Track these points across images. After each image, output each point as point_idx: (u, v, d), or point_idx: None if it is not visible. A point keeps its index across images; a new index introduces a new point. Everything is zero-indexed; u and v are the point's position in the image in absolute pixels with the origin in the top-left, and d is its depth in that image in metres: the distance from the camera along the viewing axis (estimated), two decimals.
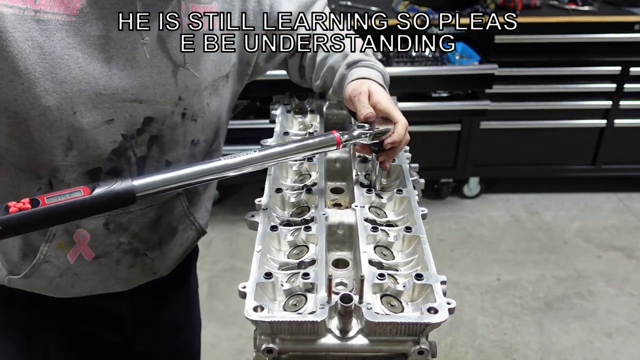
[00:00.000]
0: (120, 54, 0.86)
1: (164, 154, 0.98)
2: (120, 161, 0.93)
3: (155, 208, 1.01)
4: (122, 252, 1.02)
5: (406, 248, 0.86)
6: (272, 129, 1.24)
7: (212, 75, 1.00)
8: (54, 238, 0.95)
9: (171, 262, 1.12)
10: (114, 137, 0.90)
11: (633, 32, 2.90)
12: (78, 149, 0.88)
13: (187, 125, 0.99)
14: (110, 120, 0.88)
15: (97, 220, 0.95)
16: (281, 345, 0.72)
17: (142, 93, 0.90)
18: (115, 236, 0.99)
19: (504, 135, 3.18)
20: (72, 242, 0.97)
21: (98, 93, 0.85)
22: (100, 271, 1.02)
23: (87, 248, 0.98)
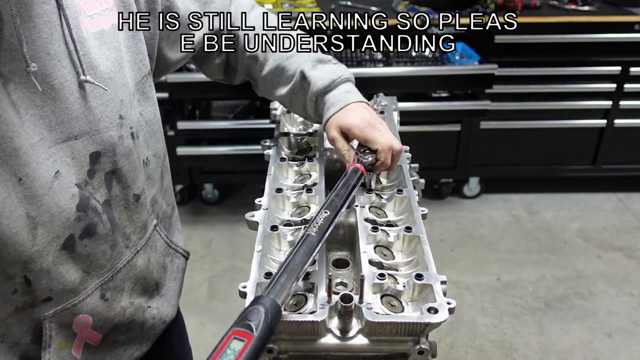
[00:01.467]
0: (20, 91, 0.68)
1: (127, 188, 0.84)
2: (89, 216, 0.77)
3: (141, 253, 0.90)
4: (130, 316, 0.90)
5: (406, 248, 0.86)
6: (272, 129, 1.24)
7: (133, 77, 0.84)
8: (51, 341, 0.79)
9: (174, 301, 1.05)
10: (70, 192, 0.74)
11: (633, 32, 2.90)
12: (43, 223, 0.72)
13: (137, 145, 0.85)
14: (56, 174, 0.72)
15: (92, 297, 0.82)
16: (281, 345, 0.72)
17: (72, 126, 0.73)
18: (117, 303, 0.86)
19: (504, 135, 3.18)
20: (73, 334, 0.82)
21: (32, 144, 0.69)
22: (114, 349, 0.90)
23: (92, 332, 0.84)
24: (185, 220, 3.23)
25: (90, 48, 0.75)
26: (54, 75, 0.70)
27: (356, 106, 1.01)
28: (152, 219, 0.93)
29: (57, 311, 0.78)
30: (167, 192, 1.01)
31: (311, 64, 1.04)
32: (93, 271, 0.81)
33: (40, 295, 0.75)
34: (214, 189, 3.34)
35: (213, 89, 2.89)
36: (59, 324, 0.79)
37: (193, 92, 2.90)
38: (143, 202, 0.88)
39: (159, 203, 0.97)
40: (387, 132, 0.99)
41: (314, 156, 1.11)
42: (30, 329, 0.77)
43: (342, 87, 1.03)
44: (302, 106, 1.07)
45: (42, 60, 0.68)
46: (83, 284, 0.80)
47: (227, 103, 3.22)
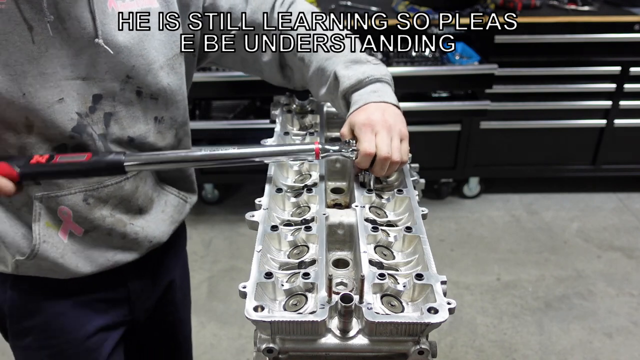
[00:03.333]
0: (47, 34, 0.88)
1: (124, 129, 1.01)
2: (83, 137, 0.96)
3: (130, 181, 1.05)
4: (110, 224, 1.06)
5: (406, 248, 0.86)
6: (272, 129, 1.24)
7: (164, 54, 1.01)
8: (40, 217, 0.99)
9: (163, 228, 1.16)
10: (70, 116, 0.94)
11: (633, 32, 2.90)
12: (38, 127, 0.92)
13: (146, 103, 1.03)
14: (60, 100, 0.92)
15: (75, 196, 1.00)
16: (281, 345, 0.72)
17: (82, 70, 0.93)
18: (97, 210, 1.03)
19: (504, 135, 3.18)
20: (59, 220, 1.01)
21: (41, 72, 0.89)
22: (96, 245, 1.06)
23: (74, 224, 1.02)
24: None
25: (111, 21, 0.93)
26: (71, 30, 0.89)
27: (373, 106, 1.01)
28: None
29: (43, 195, 0.98)
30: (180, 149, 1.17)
31: (345, 65, 1.07)
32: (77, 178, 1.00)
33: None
34: (214, 189, 3.34)
35: (213, 89, 2.89)
36: (46, 207, 0.99)
37: (193, 92, 2.89)
38: (138, 145, 1.04)
39: None
40: (382, 138, 0.96)
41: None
42: (27, 202, 0.99)
43: (370, 87, 1.04)
44: (339, 105, 1.10)
45: (63, 18, 0.88)
46: (68, 183, 0.99)
47: (227, 103, 3.22)
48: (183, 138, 1.16)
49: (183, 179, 1.22)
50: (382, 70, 1.08)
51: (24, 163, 0.89)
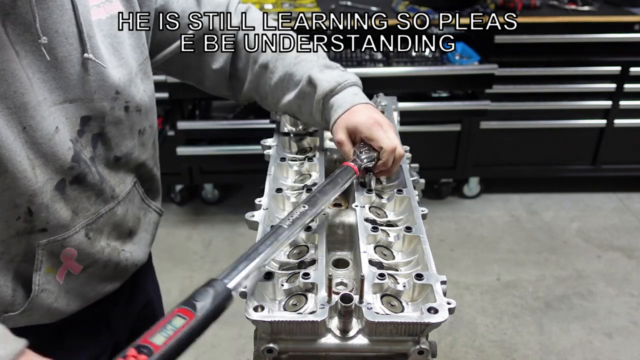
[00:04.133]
0: (31, 57, 0.80)
1: (110, 150, 0.96)
2: (81, 167, 0.90)
3: (121, 205, 1.01)
4: (107, 255, 1.01)
5: (406, 248, 0.86)
6: (272, 129, 1.24)
7: (136, 59, 0.97)
8: (41, 265, 0.91)
9: (146, 249, 1.15)
10: (67, 145, 0.86)
11: (633, 32, 2.90)
12: (39, 165, 0.84)
13: (133, 117, 0.98)
14: (57, 129, 0.84)
15: (79, 234, 0.93)
16: (281, 345, 0.72)
17: (69, 92, 0.85)
18: (97, 242, 0.98)
19: (504, 135, 3.18)
20: (59, 262, 0.93)
21: (38, 102, 0.81)
22: (90, 280, 1.01)
23: (75, 263, 0.96)
24: (185, 220, 3.23)
25: (96, 33, 0.87)
26: (58, 49, 0.83)
27: (363, 107, 1.01)
28: (132, 178, 1.05)
29: (49, 241, 0.89)
30: (156, 157, 1.14)
31: (319, 69, 1.05)
32: (80, 212, 0.93)
33: (39, 225, 0.87)
34: (214, 189, 3.34)
35: None
36: (49, 252, 0.91)
37: (193, 92, 2.88)
38: (124, 163, 1.00)
39: (148, 167, 1.09)
40: (393, 134, 0.99)
41: (314, 156, 1.11)
42: (25, 251, 0.89)
43: (349, 90, 1.04)
44: (309, 111, 1.08)
45: (50, 36, 0.81)
46: (72, 222, 0.92)
47: (227, 103, 3.22)
48: (156, 143, 1.12)
49: (156, 189, 1.17)
50: (352, 75, 1.08)
51: None
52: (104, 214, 0.97)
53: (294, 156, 1.13)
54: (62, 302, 0.96)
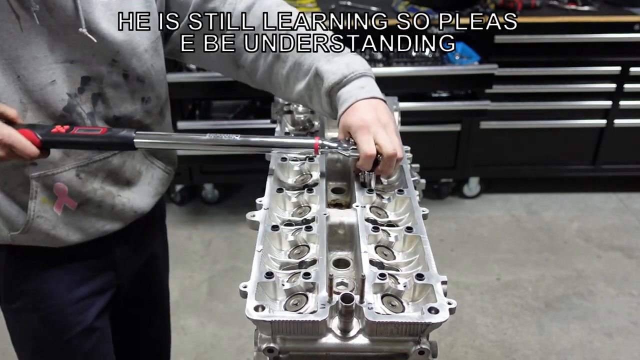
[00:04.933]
0: (34, 22, 0.94)
1: (110, 109, 1.07)
2: (73, 116, 1.02)
3: (117, 156, 1.12)
4: (100, 197, 1.12)
5: (407, 248, 0.86)
6: (272, 129, 1.24)
7: (147, 37, 1.07)
8: (37, 195, 1.05)
9: (148, 200, 1.23)
10: (61, 97, 1.00)
11: (633, 32, 2.90)
12: (32, 109, 0.99)
13: (133, 85, 1.08)
14: (52, 82, 0.98)
15: (69, 172, 1.06)
16: (282, 344, 0.72)
17: (70, 54, 0.98)
18: (89, 183, 1.10)
19: (504, 135, 3.18)
20: (54, 195, 1.07)
21: (33, 57, 0.95)
22: (87, 217, 1.13)
23: (69, 199, 1.09)
24: (185, 220, 3.23)
25: (95, 9, 0.97)
26: (57, 19, 0.95)
27: (363, 104, 0.99)
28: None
29: (40, 174, 1.04)
30: (166, 125, 1.25)
31: (326, 58, 1.04)
32: (72, 155, 1.06)
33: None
34: (214, 189, 3.34)
35: (213, 89, 2.89)
36: (42, 184, 1.05)
37: (193, 92, 2.90)
38: (124, 123, 1.11)
39: (154, 130, 1.19)
40: (382, 135, 0.96)
41: (315, 156, 1.11)
42: (22, 182, 1.05)
43: (356, 82, 1.02)
44: (319, 103, 1.08)
45: (50, 8, 0.94)
46: (62, 161, 1.05)
47: (227, 103, 3.22)
48: (166, 113, 1.23)
49: (168, 152, 1.28)
50: (363, 62, 1.06)
51: (46, 131, 0.96)
52: (98, 161, 1.09)
53: (295, 156, 1.13)
54: (61, 231, 1.10)
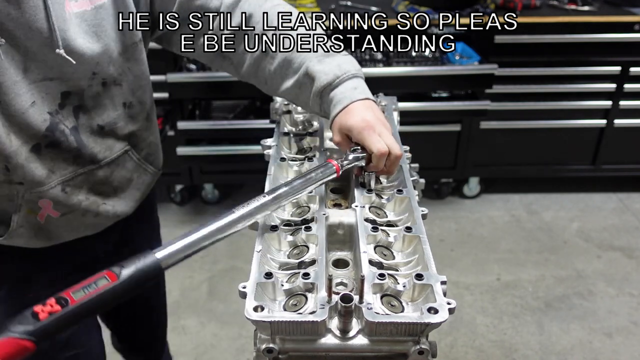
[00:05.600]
0: (10, 46, 0.91)
1: (92, 119, 1.06)
2: (56, 135, 1.01)
3: (103, 168, 1.11)
4: (85, 207, 1.11)
5: (406, 248, 0.86)
6: (272, 129, 1.24)
7: (122, 42, 1.03)
8: (21, 208, 1.05)
9: (132, 204, 1.22)
10: (42, 117, 0.98)
11: (633, 32, 2.90)
12: (14, 132, 0.96)
13: (111, 90, 1.06)
14: (32, 103, 0.96)
15: (54, 189, 1.05)
16: (281, 345, 0.72)
17: (48, 73, 0.96)
18: (74, 196, 1.09)
19: (504, 135, 3.18)
20: (38, 207, 1.06)
21: (14, 81, 0.92)
22: (70, 224, 1.12)
23: (53, 210, 1.08)
24: (185, 220, 3.23)
25: (71, 26, 0.94)
26: (33, 42, 0.91)
27: (360, 105, 0.99)
28: (122, 145, 1.14)
29: (26, 192, 1.03)
30: (154, 129, 1.23)
31: (317, 58, 1.04)
32: (57, 171, 1.04)
33: (16, 179, 1.01)
34: (214, 189, 3.34)
35: (213, 89, 2.89)
36: (27, 200, 1.04)
37: (193, 92, 2.90)
38: (109, 132, 1.09)
39: (142, 136, 1.18)
40: (387, 135, 0.97)
41: (314, 156, 1.11)
42: (9, 196, 1.03)
43: (348, 83, 1.02)
44: (306, 102, 1.07)
45: (25, 32, 0.90)
46: (48, 178, 1.03)
47: (227, 103, 3.22)
48: (153, 118, 1.22)
49: (156, 153, 1.27)
50: (354, 63, 1.06)
51: (32, 323, 0.67)
52: (83, 174, 1.08)
53: (294, 156, 1.13)
54: (41, 237, 1.11)
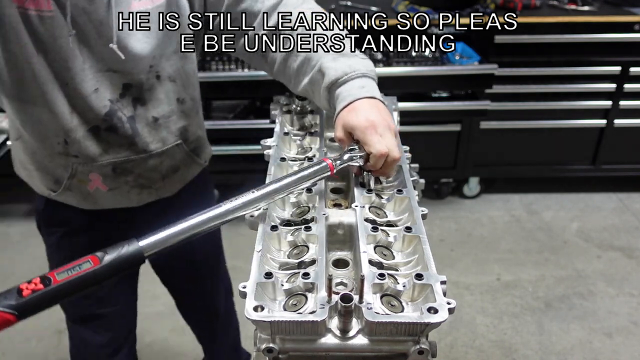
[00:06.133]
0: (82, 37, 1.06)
1: (148, 111, 1.18)
2: (114, 121, 1.15)
3: (155, 157, 1.24)
4: (130, 187, 1.26)
5: (406, 248, 0.86)
6: (272, 129, 1.24)
7: (176, 41, 1.15)
8: (74, 177, 1.21)
9: (175, 187, 1.34)
10: (104, 103, 1.12)
11: (633, 32, 2.90)
12: (78, 112, 1.12)
13: (166, 85, 1.18)
14: (96, 90, 1.11)
15: (105, 167, 1.20)
16: (281, 345, 0.72)
17: (113, 65, 1.10)
18: (123, 177, 1.23)
19: (504, 135, 3.18)
20: (89, 179, 1.22)
21: (82, 68, 1.07)
22: (115, 197, 1.27)
23: (102, 184, 1.24)
24: None
25: (131, 23, 1.07)
26: (98, 36, 1.06)
27: (364, 103, 0.99)
28: (174, 139, 1.26)
29: (80, 165, 1.19)
30: (201, 124, 1.37)
31: (332, 57, 1.06)
32: (111, 152, 1.19)
33: (72, 152, 1.17)
34: (214, 189, 3.33)
35: (213, 89, 2.89)
36: (80, 171, 1.20)
37: None
38: (163, 124, 1.22)
39: (192, 131, 1.31)
40: (389, 136, 0.97)
41: (314, 156, 1.11)
42: (65, 164, 1.20)
43: (356, 81, 1.02)
44: (319, 98, 1.09)
45: (93, 26, 1.05)
46: (101, 157, 1.19)
47: (227, 103, 3.22)
48: (200, 114, 1.35)
49: (202, 146, 1.39)
50: (368, 65, 1.07)
51: (15, 298, 0.69)
52: (135, 160, 1.22)
53: (294, 156, 1.13)
54: (89, 201, 1.27)
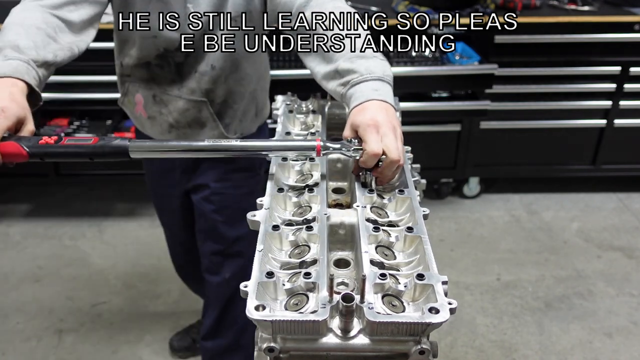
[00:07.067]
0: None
1: (196, 64, 1.39)
2: (162, 62, 1.39)
3: (184, 100, 1.43)
4: (163, 121, 1.47)
5: (407, 248, 0.86)
6: (273, 128, 1.24)
7: (235, 9, 1.30)
8: (127, 93, 1.50)
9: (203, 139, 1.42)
10: (158, 48, 1.36)
11: (633, 32, 2.90)
12: (137, 48, 1.38)
13: (209, 53, 1.37)
14: (154, 37, 1.34)
15: (148, 91, 1.45)
16: (282, 344, 0.72)
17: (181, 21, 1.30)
18: (158, 107, 1.45)
19: (504, 135, 3.18)
20: (135, 101, 1.49)
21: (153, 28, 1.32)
22: (153, 127, 1.51)
23: (143, 109, 1.48)
24: None
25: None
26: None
27: (375, 104, 1.00)
28: (199, 94, 1.43)
29: (130, 83, 1.47)
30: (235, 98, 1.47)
31: (350, 58, 1.07)
32: (156, 81, 1.42)
33: (125, 72, 1.46)
34: None
35: None
36: (130, 90, 1.49)
37: None
38: (197, 78, 1.40)
39: (219, 98, 1.45)
40: (390, 138, 0.96)
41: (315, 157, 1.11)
42: (120, 82, 1.50)
43: (370, 84, 1.04)
44: (335, 93, 1.12)
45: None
46: (146, 82, 1.44)
47: None
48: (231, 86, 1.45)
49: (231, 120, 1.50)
50: (385, 69, 1.07)
51: (32, 143, 0.97)
52: (170, 96, 1.43)
53: (296, 156, 1.13)
54: (138, 124, 1.56)
